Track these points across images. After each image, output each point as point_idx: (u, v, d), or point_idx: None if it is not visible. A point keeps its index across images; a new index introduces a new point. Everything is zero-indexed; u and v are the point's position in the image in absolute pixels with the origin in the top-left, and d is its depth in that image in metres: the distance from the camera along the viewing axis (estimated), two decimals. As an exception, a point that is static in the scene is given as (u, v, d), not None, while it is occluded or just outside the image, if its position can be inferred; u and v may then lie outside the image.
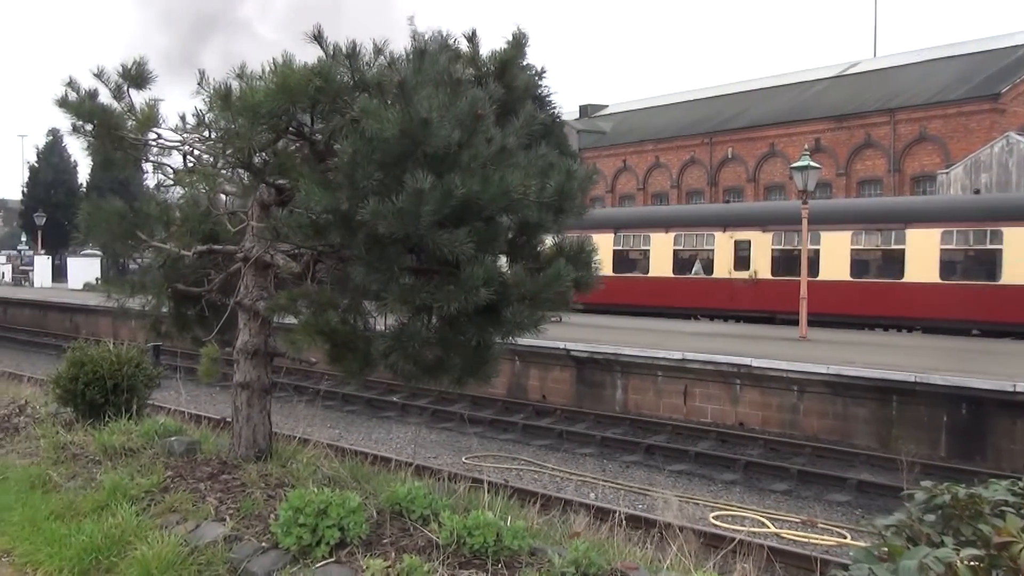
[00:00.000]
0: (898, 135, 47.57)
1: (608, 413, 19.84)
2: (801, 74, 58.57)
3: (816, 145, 47.86)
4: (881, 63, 55.31)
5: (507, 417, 19.95)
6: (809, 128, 50.74)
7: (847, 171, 49.26)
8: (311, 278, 6.88)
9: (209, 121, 7.19)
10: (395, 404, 21.32)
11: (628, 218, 36.41)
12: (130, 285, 8.55)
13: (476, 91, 5.92)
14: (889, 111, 47.98)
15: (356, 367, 6.34)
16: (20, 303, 42.73)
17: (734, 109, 57.69)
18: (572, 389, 21.23)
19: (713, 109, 59.24)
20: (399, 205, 5.39)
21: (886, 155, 48.01)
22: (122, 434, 8.64)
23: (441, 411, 20.49)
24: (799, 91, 55.67)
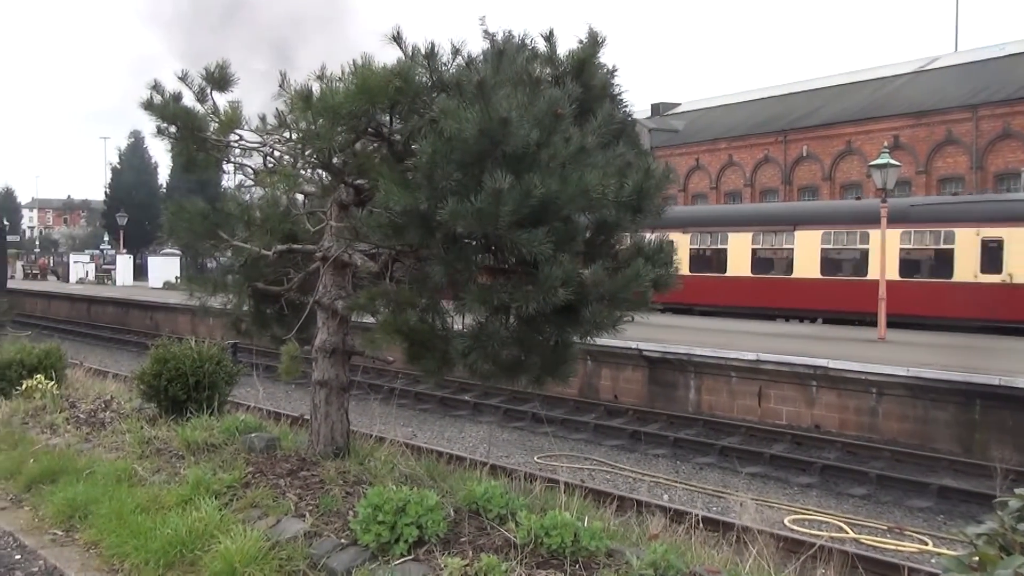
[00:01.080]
0: (980, 131, 46.28)
1: (681, 414, 19.66)
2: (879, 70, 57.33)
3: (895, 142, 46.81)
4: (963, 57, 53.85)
5: (579, 417, 19.90)
6: (887, 125, 49.63)
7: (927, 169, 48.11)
8: (389, 277, 6.93)
9: (290, 122, 7.28)
10: (467, 403, 21.41)
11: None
12: (212, 284, 8.71)
13: (554, 90, 5.90)
14: (971, 107, 46.70)
15: (434, 366, 6.38)
16: (103, 301, 43.89)
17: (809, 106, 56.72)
18: (644, 389, 21.08)
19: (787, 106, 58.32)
20: (478, 205, 5.39)
21: (968, 152, 46.74)
22: (204, 430, 8.82)
23: (513, 410, 20.52)
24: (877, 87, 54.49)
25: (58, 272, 70.28)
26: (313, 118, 6.42)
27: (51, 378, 12.13)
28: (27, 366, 12.37)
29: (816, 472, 15.68)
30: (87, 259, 68.55)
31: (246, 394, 15.06)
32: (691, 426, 18.88)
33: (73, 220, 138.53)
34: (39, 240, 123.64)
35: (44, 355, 12.73)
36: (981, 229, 26.46)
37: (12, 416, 10.86)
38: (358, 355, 7.91)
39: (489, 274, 6.16)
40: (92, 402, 11.53)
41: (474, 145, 5.50)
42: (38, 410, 11.07)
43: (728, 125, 60.68)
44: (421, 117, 6.21)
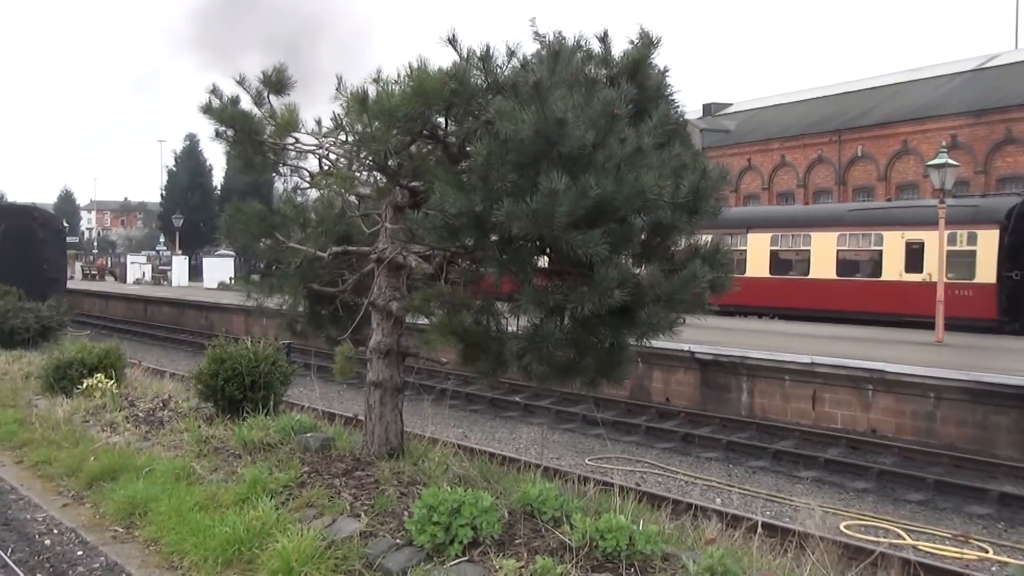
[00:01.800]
0: (1042, 130, 45.24)
1: (733, 417, 19.47)
2: (936, 68, 56.28)
3: (953, 142, 45.92)
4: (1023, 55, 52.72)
5: (630, 419, 19.81)
6: (945, 124, 48.68)
7: (986, 168, 47.12)
8: (444, 279, 6.95)
9: (345, 125, 7.34)
10: (518, 404, 21.41)
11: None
12: (268, 285, 8.82)
13: (609, 91, 5.89)
14: (1032, 105, 45.68)
15: (489, 368, 6.38)
16: (159, 301, 44.62)
17: (864, 105, 55.87)
18: (696, 392, 20.92)
19: (841, 106, 57.49)
20: (533, 206, 5.39)
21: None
22: (260, 429, 8.93)
23: (564, 412, 20.48)
24: (934, 86, 53.51)
25: (115, 273, 71.58)
26: (369, 121, 6.46)
27: (111, 377, 12.37)
28: (87, 365, 12.63)
29: (872, 477, 15.43)
30: (144, 260, 69.81)
31: (299, 394, 15.22)
32: (744, 429, 18.69)
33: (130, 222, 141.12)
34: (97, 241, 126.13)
35: (104, 354, 12.98)
36: (906, 232, 28.65)
37: (73, 414, 11.09)
38: (412, 356, 7.95)
39: (544, 276, 6.16)
40: (150, 401, 11.75)
41: (530, 146, 5.50)
42: (98, 408, 11.30)
43: (781, 125, 60.02)
44: (476, 119, 6.23)
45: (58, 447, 9.84)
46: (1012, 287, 26.62)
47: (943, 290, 23.37)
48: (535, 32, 6.69)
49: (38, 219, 34.06)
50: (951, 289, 25.71)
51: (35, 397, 12.86)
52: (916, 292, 27.85)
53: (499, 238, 6.10)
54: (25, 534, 7.62)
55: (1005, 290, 26.63)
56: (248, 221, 8.56)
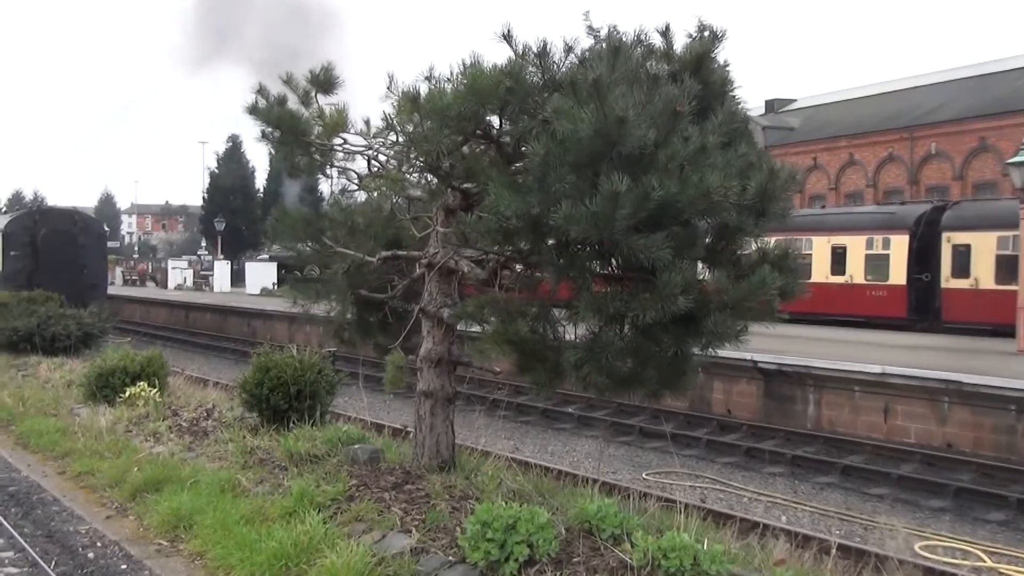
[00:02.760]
0: None
1: (799, 430, 19.22)
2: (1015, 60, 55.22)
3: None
4: (1110, 45, 51.43)
5: (689, 432, 19.64)
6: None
7: (1070, 166, 46.12)
8: (498, 285, 6.95)
9: (396, 125, 7.38)
10: (572, 416, 21.34)
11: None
12: (315, 291, 8.88)
13: (671, 88, 5.85)
14: (1120, 98, 44.67)
15: (545, 378, 6.37)
16: (201, 308, 45.24)
17: (937, 100, 54.93)
18: (759, 403, 20.70)
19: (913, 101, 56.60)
20: (593, 208, 5.37)
21: (1116, 148, 44.65)
22: (306, 440, 9.00)
23: (620, 424, 20.37)
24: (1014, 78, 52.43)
25: (156, 278, 72.74)
26: (420, 120, 6.49)
27: (153, 386, 12.58)
28: (130, 373, 12.84)
29: (949, 495, 15.13)
30: (185, 265, 70.77)
31: (345, 404, 15.35)
32: (810, 443, 18.43)
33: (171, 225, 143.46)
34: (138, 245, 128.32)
35: (147, 362, 13.19)
36: (831, 237, 31.62)
37: (116, 423, 11.28)
38: (464, 365, 7.96)
39: (603, 282, 6.13)
40: (194, 410, 11.90)
41: (589, 146, 5.48)
42: (141, 418, 11.48)
43: (848, 121, 59.25)
44: (532, 118, 6.23)
45: (101, 457, 10.01)
46: (920, 288, 29.40)
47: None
48: (589, 26, 6.67)
49: (79, 223, 34.72)
50: (869, 290, 30.05)
51: (77, 406, 13.10)
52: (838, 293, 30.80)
53: (556, 242, 6.09)
54: (68, 547, 7.75)
55: (914, 291, 29.49)
56: (294, 225, 8.65)
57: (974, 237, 28.23)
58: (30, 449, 11.32)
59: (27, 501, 9.23)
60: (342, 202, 9.01)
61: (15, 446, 11.68)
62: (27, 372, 17.73)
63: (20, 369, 18.21)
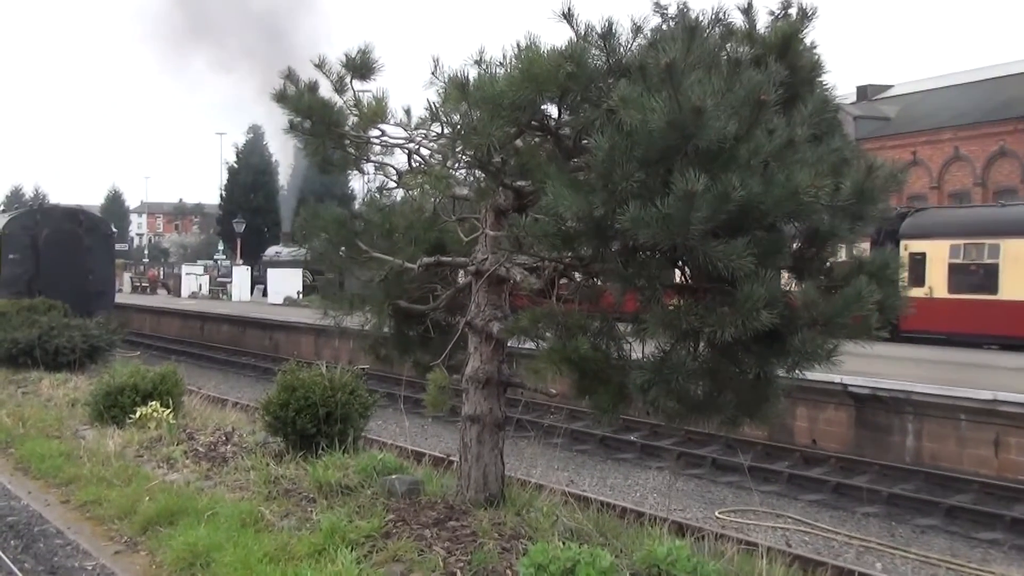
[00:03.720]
0: None
1: (896, 464, 18.97)
2: None
3: None
4: None
5: (769, 464, 19.47)
6: None
7: None
8: (555, 296, 6.95)
9: (441, 115, 7.40)
10: (634, 445, 21.27)
11: None
12: (348, 301, 8.94)
13: (755, 73, 5.82)
14: None
15: (609, 402, 6.36)
16: (218, 319, 45.70)
17: (1057, 86, 54.18)
18: (849, 433, 20.47)
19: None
20: (665, 210, 5.36)
21: None
22: (337, 469, 9.06)
23: (689, 455, 20.26)
24: None
25: (169, 285, 73.61)
26: (469, 110, 6.51)
27: (167, 405, 12.72)
28: (141, 392, 13.00)
29: (1073, 542, 14.86)
30: (200, 270, 71.46)
31: (381, 428, 15.44)
32: (909, 479, 18.19)
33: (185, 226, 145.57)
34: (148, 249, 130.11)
35: (159, 379, 13.35)
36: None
37: (125, 447, 11.44)
38: (516, 387, 7.98)
39: (675, 293, 6.11)
40: (211, 434, 12.04)
41: (660, 139, 5.47)
42: (153, 441, 11.62)
43: (953, 111, 58.50)
44: (596, 107, 6.23)
45: (109, 485, 10.14)
46: None
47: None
48: (656, 2, 6.67)
49: (84, 223, 35.16)
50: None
51: (82, 427, 13.30)
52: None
53: (622, 247, 6.08)
54: (73, 585, 7.87)
55: None
56: (326, 226, 8.70)
57: None
58: (31, 475, 11.50)
59: (28, 533, 9.38)
60: (379, 201, 9.06)
61: (14, 471, 11.88)
62: (27, 389, 18.00)
63: (20, 386, 18.50)
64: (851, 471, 18.94)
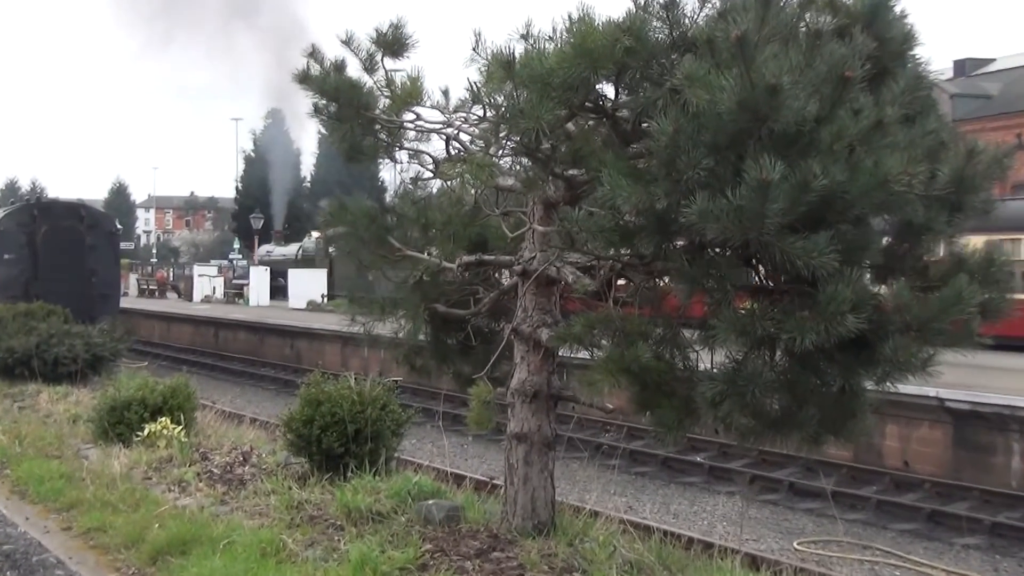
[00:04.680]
0: None
1: (1000, 489, 18.79)
2: None
3: None
4: None
5: (854, 489, 19.36)
6: None
7: None
8: (612, 299, 6.94)
9: (483, 96, 7.42)
10: (700, 466, 21.21)
11: None
12: (379, 305, 8.98)
13: (838, 46, 5.79)
14: None
15: (673, 418, 6.34)
16: (234, 325, 46.03)
17: None
18: (946, 454, 20.27)
19: None
20: (736, 202, 5.34)
21: None
22: (368, 493, 9.11)
23: (763, 478, 20.17)
24: None
25: (179, 288, 74.12)
26: (515, 90, 6.52)
27: (178, 422, 12.83)
28: (149, 406, 13.10)
29: None
30: (214, 271, 71.71)
31: (416, 447, 15.49)
32: (1016, 507, 18.00)
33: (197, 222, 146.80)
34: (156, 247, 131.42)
35: (169, 393, 13.46)
36: None
37: (132, 468, 11.55)
38: (567, 401, 7.98)
39: (748, 295, 6.09)
40: (227, 453, 12.13)
41: (731, 122, 5.46)
42: (163, 462, 11.73)
43: (1065, 87, 57.78)
44: (658, 86, 6.22)
45: (114, 510, 10.24)
46: None
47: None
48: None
49: (86, 219, 35.41)
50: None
51: (85, 446, 13.44)
52: None
53: (687, 244, 6.07)
54: (76, 621, 7.96)
55: None
56: (355, 222, 8.74)
57: None
58: (29, 499, 11.63)
59: (26, 563, 9.48)
60: (414, 193, 9.08)
61: (11, 494, 12.02)
62: (24, 403, 18.21)
63: (16, 399, 18.73)
64: (948, 497, 18.77)
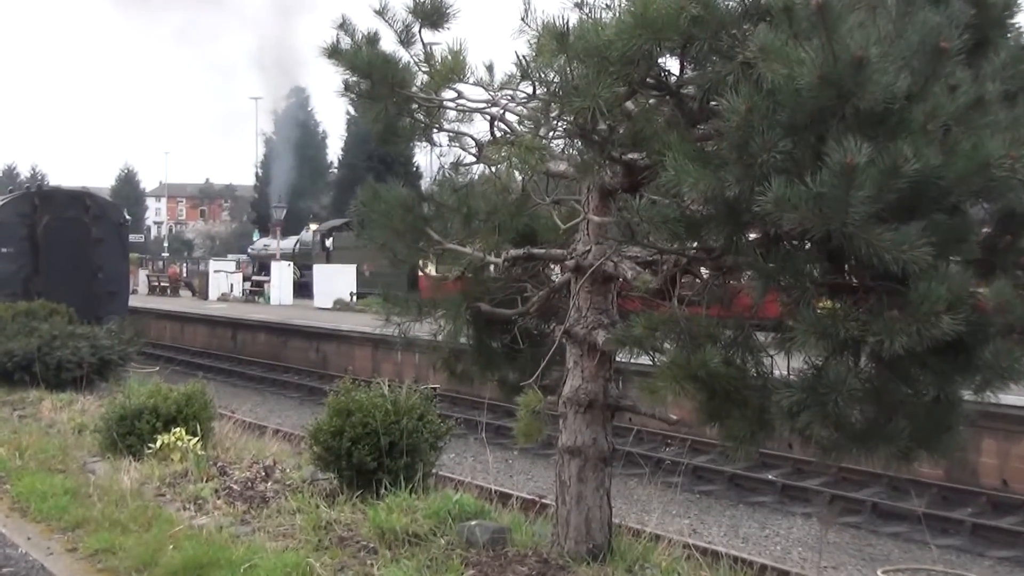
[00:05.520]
0: None
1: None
2: None
3: None
4: None
5: (946, 511, 19.21)
6: None
7: None
8: (677, 298, 6.92)
9: (532, 72, 7.41)
10: (771, 485, 21.11)
11: None
12: (416, 304, 8.99)
13: (931, 15, 5.74)
14: None
15: (745, 431, 6.30)
16: (254, 326, 46.22)
17: None
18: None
19: None
20: (816, 188, 5.30)
21: None
22: (403, 513, 9.12)
23: (843, 498, 20.04)
24: None
25: (193, 285, 74.42)
26: (568, 64, 6.51)
27: (193, 433, 12.90)
28: (162, 416, 13.18)
29: None
30: (232, 267, 71.95)
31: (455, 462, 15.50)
32: None
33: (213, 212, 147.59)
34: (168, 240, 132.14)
35: (184, 401, 13.52)
36: None
37: (144, 484, 11.62)
38: (626, 411, 7.96)
39: (830, 293, 6.05)
40: (248, 468, 12.20)
41: (811, 99, 5.42)
42: (177, 477, 11.81)
43: None
44: (728, 60, 6.19)
45: (124, 530, 10.31)
46: None
47: None
48: None
49: (92, 210, 35.21)
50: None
51: (91, 459, 13.55)
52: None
53: (762, 236, 6.04)
54: (83, 652, 8.02)
55: None
56: (390, 212, 8.75)
57: None
58: (30, 517, 11.72)
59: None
60: (455, 180, 9.08)
61: (11, 512, 12.12)
62: (25, 412, 18.34)
63: (16, 407, 18.88)
64: (1053, 521, 18.62)
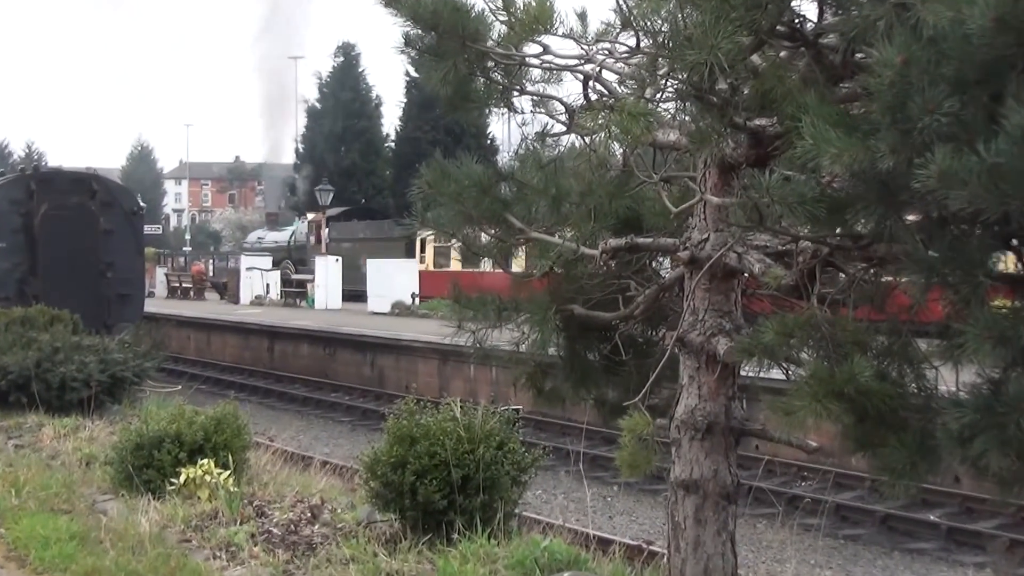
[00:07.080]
0: None
1: None
2: None
3: None
4: None
5: None
6: None
7: None
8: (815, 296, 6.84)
9: (634, 21, 7.37)
10: (935, 528, 20.86)
11: None
12: (495, 307, 8.94)
13: None
14: None
15: (903, 460, 6.23)
16: (294, 336, 46.20)
17: None
18: None
19: None
20: (992, 159, 5.23)
21: None
22: (480, 562, 9.13)
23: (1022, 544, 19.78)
24: None
25: (221, 286, 74.38)
26: (680, 10, 6.47)
27: (224, 465, 12.92)
28: (186, 445, 13.20)
29: None
30: (268, 263, 71.68)
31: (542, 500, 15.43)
32: None
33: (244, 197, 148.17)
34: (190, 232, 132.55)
35: (212, 427, 13.54)
36: None
37: (165, 527, 11.69)
38: (753, 437, 7.89)
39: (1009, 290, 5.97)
40: (290, 508, 12.22)
41: (984, 48, 5.34)
42: (206, 519, 11.85)
43: None
44: (879, 2, 6.12)
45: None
46: None
47: None
48: None
49: (99, 195, 34.60)
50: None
51: (102, 497, 13.63)
52: None
53: (923, 219, 5.96)
54: None
55: None
56: (461, 193, 8.71)
57: None
58: (30, 567, 11.82)
59: (27, 654, 9.68)
60: (540, 154, 9.02)
61: (6, 561, 12.20)
62: (22, 440, 18.46)
63: (11, 435, 18.95)
64: None
